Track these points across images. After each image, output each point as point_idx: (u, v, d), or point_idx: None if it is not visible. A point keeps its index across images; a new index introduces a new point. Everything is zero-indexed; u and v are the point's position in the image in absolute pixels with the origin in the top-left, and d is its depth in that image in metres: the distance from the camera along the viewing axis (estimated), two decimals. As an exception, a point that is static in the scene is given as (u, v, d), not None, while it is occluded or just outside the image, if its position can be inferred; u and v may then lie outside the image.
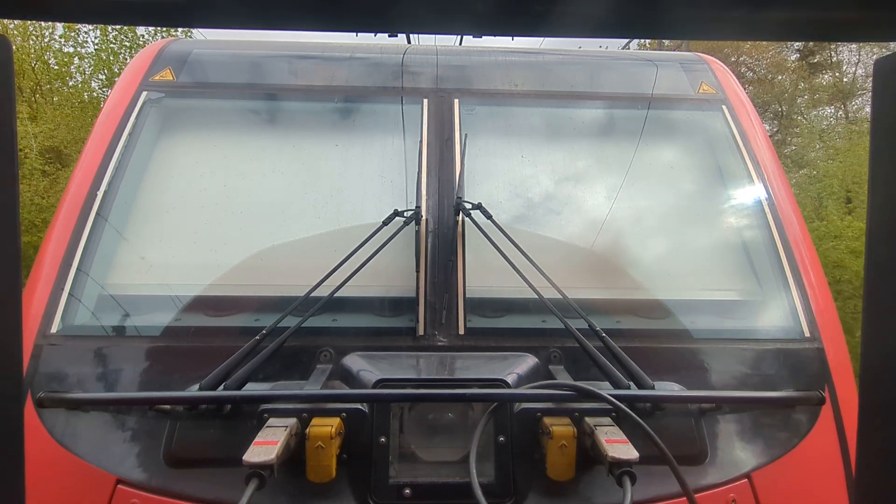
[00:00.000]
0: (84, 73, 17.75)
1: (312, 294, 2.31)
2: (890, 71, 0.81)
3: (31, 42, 16.93)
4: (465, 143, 2.90)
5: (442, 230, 2.68)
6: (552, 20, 0.79)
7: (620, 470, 1.76)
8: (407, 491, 1.97)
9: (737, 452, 2.23)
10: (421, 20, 0.84)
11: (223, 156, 2.97)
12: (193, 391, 2.10)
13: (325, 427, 1.88)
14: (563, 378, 2.22)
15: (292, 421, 1.91)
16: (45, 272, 2.42)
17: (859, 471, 0.88)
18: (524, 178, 2.99)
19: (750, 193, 2.90)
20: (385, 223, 2.55)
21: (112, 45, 17.01)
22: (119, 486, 2.06)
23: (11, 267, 0.80)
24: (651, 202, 2.94)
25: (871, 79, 0.84)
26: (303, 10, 0.81)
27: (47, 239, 2.54)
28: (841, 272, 13.15)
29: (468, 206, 2.57)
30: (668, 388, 2.25)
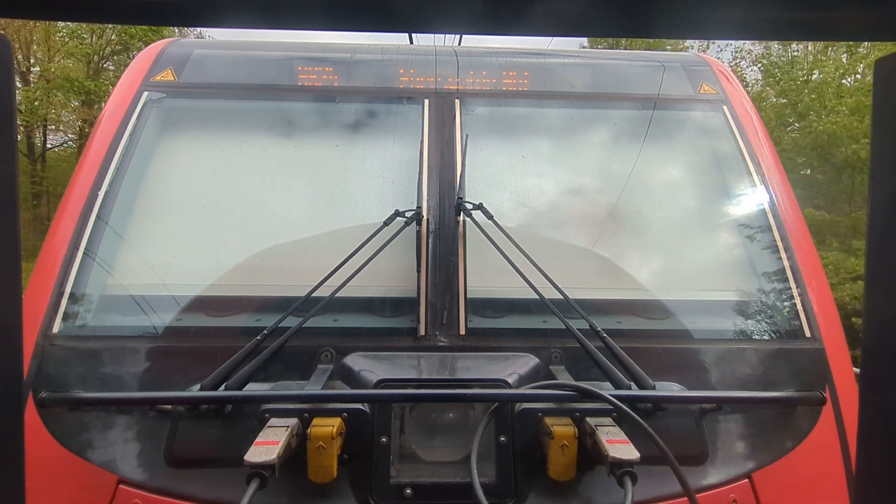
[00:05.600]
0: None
1: (313, 294, 2.31)
2: (890, 71, 0.81)
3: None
4: (465, 143, 2.90)
5: (443, 230, 2.68)
6: (551, 19, 0.79)
7: (621, 470, 1.76)
8: (408, 491, 1.96)
9: (738, 452, 2.22)
10: (422, 19, 0.84)
11: (224, 156, 2.98)
12: (195, 391, 2.11)
13: (327, 427, 1.88)
14: (564, 378, 2.22)
15: (293, 421, 1.91)
16: (47, 272, 2.43)
17: (860, 471, 0.88)
18: (525, 179, 2.99)
19: (751, 194, 2.90)
20: (386, 223, 2.55)
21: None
22: (120, 486, 2.06)
23: (11, 267, 0.80)
24: (652, 202, 2.93)
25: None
26: (304, 10, 0.81)
27: (49, 239, 2.54)
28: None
29: (469, 206, 2.57)
30: (668, 388, 2.25)
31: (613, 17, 0.81)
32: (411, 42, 5.10)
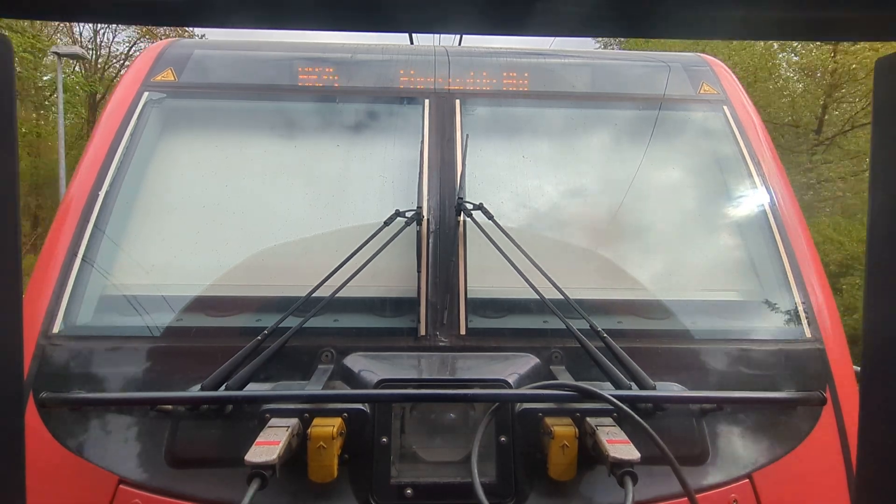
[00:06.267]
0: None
1: (314, 294, 2.31)
2: (890, 71, 0.81)
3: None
4: (466, 143, 2.90)
5: (443, 230, 2.68)
6: (551, 20, 0.79)
7: (622, 470, 1.76)
8: (408, 491, 1.97)
9: (738, 452, 2.22)
10: (422, 20, 0.84)
11: (225, 156, 2.98)
12: (195, 391, 2.11)
13: (327, 427, 1.88)
14: (565, 378, 2.22)
15: (294, 421, 1.91)
16: (48, 272, 2.43)
17: (860, 471, 0.87)
18: (525, 179, 2.98)
19: (751, 194, 2.89)
20: (386, 223, 2.55)
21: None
22: (121, 486, 2.06)
23: (11, 267, 0.80)
24: (652, 203, 2.93)
25: None
26: (304, 10, 0.81)
27: (49, 239, 2.54)
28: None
29: (469, 206, 2.57)
30: (669, 388, 2.25)
31: (614, 17, 0.81)
32: (411, 42, 5.10)
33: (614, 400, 1.91)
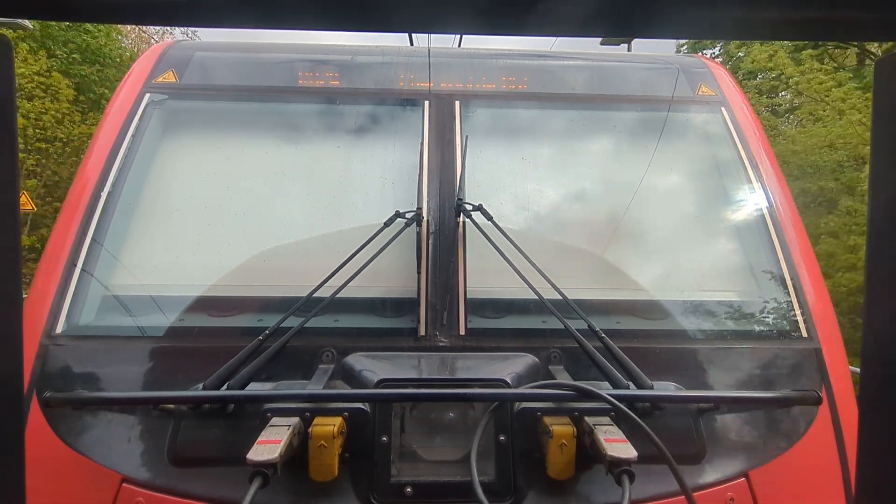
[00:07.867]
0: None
1: (315, 295, 2.32)
2: (890, 71, 0.81)
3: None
4: (465, 144, 2.90)
5: (443, 231, 2.68)
6: (551, 20, 0.79)
7: (619, 469, 1.77)
8: (408, 490, 1.97)
9: (735, 451, 2.23)
10: (422, 20, 0.84)
11: (226, 157, 2.98)
12: (197, 391, 2.11)
13: (328, 426, 1.89)
14: (563, 378, 2.23)
15: (295, 420, 1.91)
16: (51, 273, 2.43)
17: (860, 471, 0.88)
18: (525, 180, 2.99)
19: (748, 195, 2.90)
20: (386, 224, 2.56)
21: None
22: (124, 484, 2.07)
23: (12, 267, 0.80)
24: (650, 203, 2.94)
25: None
26: (304, 10, 0.81)
27: (52, 240, 2.55)
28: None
29: (469, 207, 2.58)
30: (666, 388, 2.25)
31: (614, 17, 0.81)
32: (412, 43, 5.10)
33: (612, 399, 1.91)
